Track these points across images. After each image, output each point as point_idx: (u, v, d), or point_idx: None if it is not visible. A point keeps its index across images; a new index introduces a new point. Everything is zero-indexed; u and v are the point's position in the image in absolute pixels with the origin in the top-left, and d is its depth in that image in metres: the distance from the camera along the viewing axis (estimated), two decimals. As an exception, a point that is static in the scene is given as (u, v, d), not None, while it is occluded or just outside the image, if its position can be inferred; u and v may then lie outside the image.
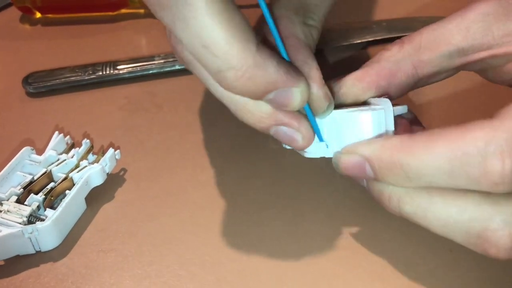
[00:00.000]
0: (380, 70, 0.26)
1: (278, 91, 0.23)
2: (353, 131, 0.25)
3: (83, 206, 0.29)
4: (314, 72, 0.25)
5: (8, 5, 0.45)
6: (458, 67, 0.26)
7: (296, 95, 0.23)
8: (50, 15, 0.44)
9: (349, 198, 0.29)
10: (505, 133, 0.20)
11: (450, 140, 0.21)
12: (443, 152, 0.21)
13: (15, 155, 0.29)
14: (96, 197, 0.30)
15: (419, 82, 0.27)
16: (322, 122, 0.25)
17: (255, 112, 0.24)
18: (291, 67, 0.23)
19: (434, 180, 0.22)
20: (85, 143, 0.30)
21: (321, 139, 0.25)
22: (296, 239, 0.28)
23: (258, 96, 0.23)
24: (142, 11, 0.44)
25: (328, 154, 0.25)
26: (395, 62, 0.26)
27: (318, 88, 0.25)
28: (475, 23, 0.25)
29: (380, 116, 0.25)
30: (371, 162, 0.23)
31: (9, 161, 0.29)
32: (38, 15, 0.44)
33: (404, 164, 0.22)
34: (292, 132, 0.24)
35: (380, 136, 0.25)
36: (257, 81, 0.22)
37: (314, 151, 0.26)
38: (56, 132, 0.31)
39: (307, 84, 0.23)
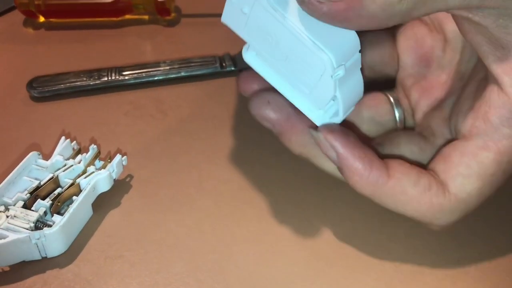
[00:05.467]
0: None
1: None
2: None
3: (89, 212, 0.29)
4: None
5: (11, 8, 0.45)
6: None
7: None
8: (53, 20, 0.44)
9: (355, 206, 0.29)
10: None
11: None
12: None
13: (21, 160, 0.29)
14: (103, 203, 0.30)
15: None
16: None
17: None
18: None
19: None
20: (92, 148, 0.30)
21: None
22: (303, 246, 0.28)
23: None
24: (146, 17, 0.44)
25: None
26: None
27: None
28: None
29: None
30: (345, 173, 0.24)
31: (16, 165, 0.29)
32: (42, 19, 0.44)
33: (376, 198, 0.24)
34: None
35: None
36: None
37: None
38: (63, 137, 0.31)
39: None
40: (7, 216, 0.27)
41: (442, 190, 0.23)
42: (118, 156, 0.30)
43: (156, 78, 0.37)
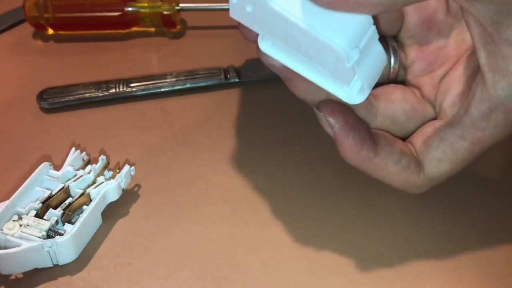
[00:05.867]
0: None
1: None
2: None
3: (99, 221, 0.30)
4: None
5: (21, 21, 0.46)
6: None
7: None
8: (62, 32, 0.45)
9: (356, 215, 0.30)
10: None
11: None
12: None
13: (33, 171, 0.30)
14: (112, 212, 0.31)
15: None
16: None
17: None
18: None
19: None
20: (102, 159, 0.31)
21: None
22: (307, 255, 0.29)
23: None
24: (152, 29, 0.45)
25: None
26: None
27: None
28: None
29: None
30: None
31: (28, 176, 0.30)
32: (51, 31, 0.45)
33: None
34: None
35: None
36: None
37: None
38: (73, 148, 0.32)
39: None
40: (20, 225, 0.28)
41: (418, 170, 0.27)
42: (127, 167, 0.31)
43: (162, 90, 0.38)
